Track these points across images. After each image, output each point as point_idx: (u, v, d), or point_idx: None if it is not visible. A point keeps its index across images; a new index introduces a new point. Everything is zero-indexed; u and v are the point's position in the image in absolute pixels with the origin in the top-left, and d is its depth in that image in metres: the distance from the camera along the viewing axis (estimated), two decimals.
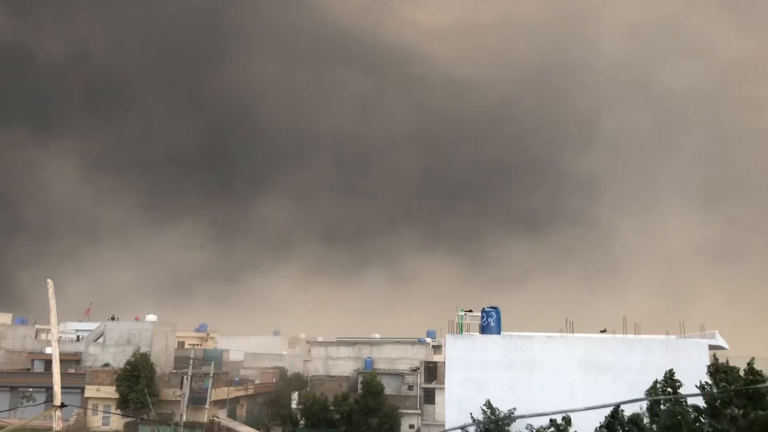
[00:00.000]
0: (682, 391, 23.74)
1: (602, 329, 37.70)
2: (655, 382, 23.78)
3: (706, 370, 22.84)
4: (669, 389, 22.84)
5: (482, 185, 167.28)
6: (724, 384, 21.00)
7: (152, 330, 72.15)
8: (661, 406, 21.86)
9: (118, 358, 68.74)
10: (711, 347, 34.73)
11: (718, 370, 21.84)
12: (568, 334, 37.11)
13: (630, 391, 27.60)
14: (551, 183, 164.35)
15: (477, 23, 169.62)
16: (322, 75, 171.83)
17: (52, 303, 15.79)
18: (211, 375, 62.46)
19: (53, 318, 16.05)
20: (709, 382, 22.36)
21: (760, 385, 19.61)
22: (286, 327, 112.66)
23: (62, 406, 16.56)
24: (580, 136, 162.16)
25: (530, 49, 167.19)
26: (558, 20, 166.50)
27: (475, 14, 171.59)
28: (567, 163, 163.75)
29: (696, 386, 22.85)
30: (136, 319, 76.34)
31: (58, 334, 22.94)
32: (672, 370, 22.83)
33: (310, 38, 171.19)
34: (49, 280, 15.93)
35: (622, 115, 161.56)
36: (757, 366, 21.94)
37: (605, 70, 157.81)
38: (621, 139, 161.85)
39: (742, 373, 21.89)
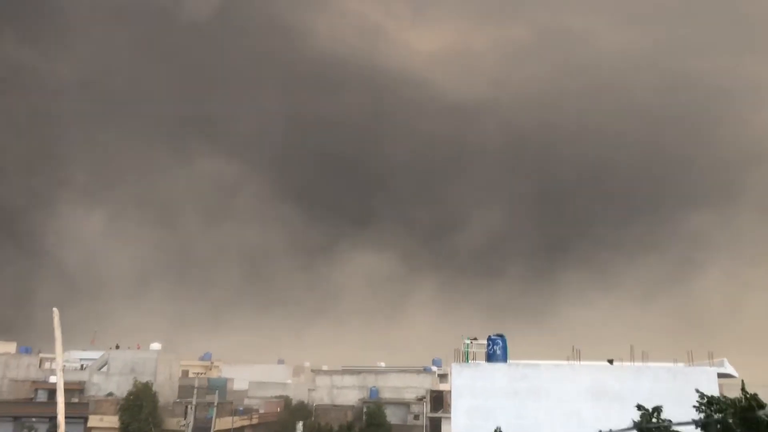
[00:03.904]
0: (689, 419, 23.42)
1: (610, 359, 37.38)
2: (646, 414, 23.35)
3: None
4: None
5: (488, 211, 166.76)
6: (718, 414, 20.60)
7: (156, 359, 71.84)
8: None
9: (122, 387, 68.33)
10: (720, 375, 34.40)
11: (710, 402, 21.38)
12: (575, 362, 36.82)
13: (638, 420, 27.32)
14: (561, 210, 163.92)
15: (471, 48, 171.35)
16: (318, 101, 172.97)
17: (58, 332, 15.80)
18: (215, 404, 62.02)
19: (58, 347, 16.04)
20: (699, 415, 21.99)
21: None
22: (291, 355, 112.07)
23: None
24: (581, 157, 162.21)
25: (527, 73, 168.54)
26: (552, 45, 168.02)
27: (469, 40, 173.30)
28: (579, 186, 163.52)
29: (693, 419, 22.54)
30: (138, 348, 76.13)
31: (62, 363, 22.92)
32: (660, 407, 22.52)
33: (298, 65, 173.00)
34: (54, 309, 15.95)
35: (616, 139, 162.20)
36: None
37: (604, 93, 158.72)
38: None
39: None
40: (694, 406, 21.74)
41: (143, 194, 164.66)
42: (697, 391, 22.45)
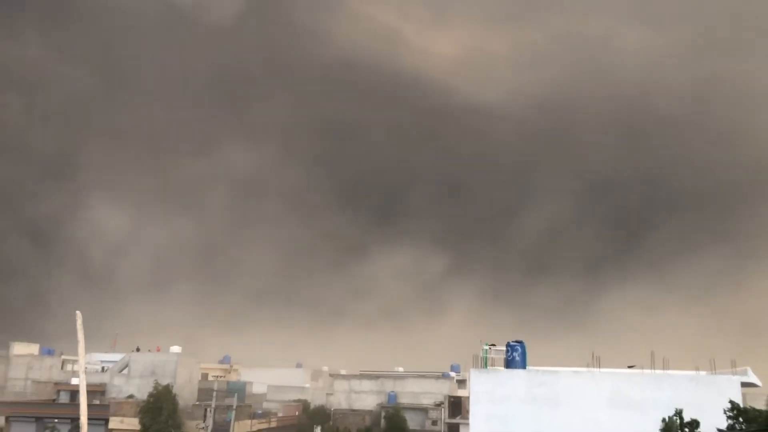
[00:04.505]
0: (711, 429, 23.16)
1: (630, 365, 37.06)
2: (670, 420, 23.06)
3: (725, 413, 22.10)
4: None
5: (497, 214, 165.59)
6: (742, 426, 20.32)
7: (176, 361, 72.33)
8: None
9: (142, 389, 68.84)
10: (743, 384, 33.95)
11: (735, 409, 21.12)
12: (595, 369, 36.53)
13: (658, 429, 26.99)
14: (603, 210, 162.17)
15: (489, 53, 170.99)
16: (332, 105, 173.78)
17: (81, 335, 16.01)
18: (234, 407, 62.32)
19: (81, 350, 16.25)
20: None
21: None
22: (309, 359, 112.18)
23: None
24: (592, 164, 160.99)
25: (544, 78, 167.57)
26: (570, 50, 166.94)
27: (487, 44, 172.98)
28: (593, 194, 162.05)
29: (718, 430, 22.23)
30: (158, 350, 76.74)
31: (84, 365, 23.18)
32: (697, 422, 22.15)
33: (320, 69, 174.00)
34: (77, 312, 16.16)
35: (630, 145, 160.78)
36: None
37: (620, 98, 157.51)
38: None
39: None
40: (725, 411, 21.45)
41: (167, 193, 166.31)
42: (731, 402, 22.18)
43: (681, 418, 21.91)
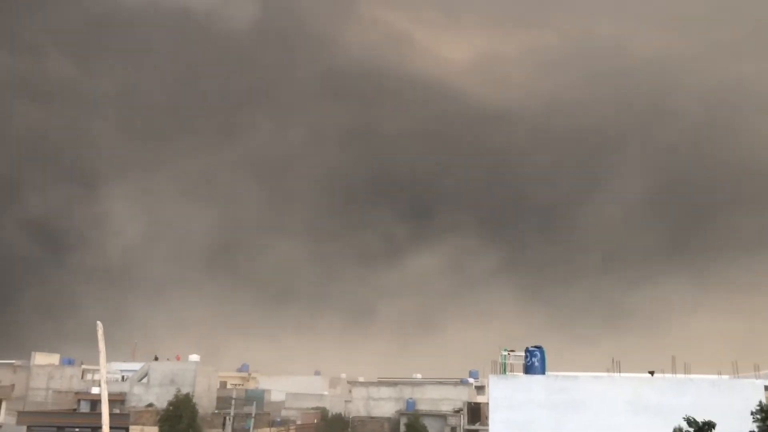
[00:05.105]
0: None
1: (650, 371, 36.70)
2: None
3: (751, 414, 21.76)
4: None
5: (519, 220, 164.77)
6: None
7: (195, 370, 72.65)
8: None
9: (162, 398, 69.21)
10: (767, 388, 33.48)
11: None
12: (615, 374, 36.24)
13: None
14: (585, 221, 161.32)
15: (500, 57, 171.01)
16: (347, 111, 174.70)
17: (102, 345, 16.12)
18: (253, 415, 62.48)
19: (102, 360, 16.36)
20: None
21: None
22: (331, 366, 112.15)
23: None
24: (607, 165, 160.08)
25: (557, 80, 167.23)
26: (580, 53, 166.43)
27: (498, 48, 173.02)
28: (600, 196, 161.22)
29: None
30: (177, 359, 77.13)
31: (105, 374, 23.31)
32: (713, 423, 21.78)
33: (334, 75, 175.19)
34: (98, 322, 16.28)
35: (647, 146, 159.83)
36: None
37: (629, 101, 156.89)
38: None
39: None
40: (752, 414, 21.13)
41: (182, 189, 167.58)
42: (760, 404, 21.84)
43: (697, 424, 21.61)
